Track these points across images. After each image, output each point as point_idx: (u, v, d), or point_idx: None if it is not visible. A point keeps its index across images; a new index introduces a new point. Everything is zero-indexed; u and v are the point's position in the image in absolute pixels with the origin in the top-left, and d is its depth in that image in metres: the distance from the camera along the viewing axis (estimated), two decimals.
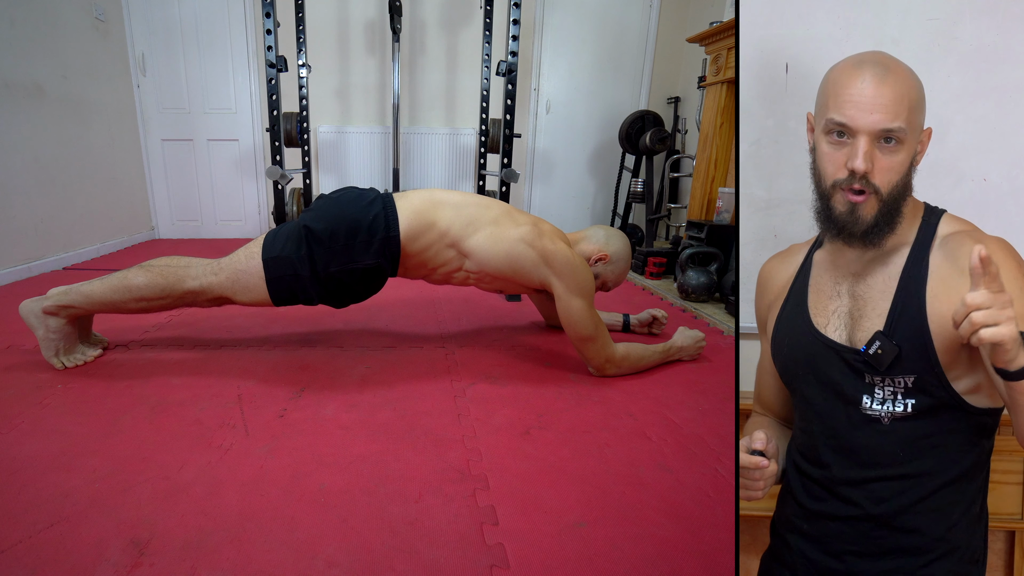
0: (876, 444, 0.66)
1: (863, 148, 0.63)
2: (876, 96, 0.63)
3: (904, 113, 0.63)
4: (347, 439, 1.20)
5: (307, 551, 0.85)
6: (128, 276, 1.48)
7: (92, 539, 0.86)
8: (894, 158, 0.64)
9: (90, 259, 3.08)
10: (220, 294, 1.50)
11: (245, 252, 1.50)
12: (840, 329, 0.69)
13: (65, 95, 2.88)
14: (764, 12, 1.06)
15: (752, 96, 1.09)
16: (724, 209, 2.63)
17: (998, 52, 0.99)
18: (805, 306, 0.74)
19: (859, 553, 0.68)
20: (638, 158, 3.75)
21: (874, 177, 0.64)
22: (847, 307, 0.70)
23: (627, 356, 1.58)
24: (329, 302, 1.55)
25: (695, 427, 1.31)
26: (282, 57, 2.32)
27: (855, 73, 0.64)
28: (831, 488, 0.69)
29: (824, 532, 0.70)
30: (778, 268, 0.82)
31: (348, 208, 1.49)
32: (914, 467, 0.65)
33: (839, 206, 0.67)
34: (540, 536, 0.91)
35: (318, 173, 3.91)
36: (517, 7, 2.44)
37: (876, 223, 0.66)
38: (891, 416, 0.65)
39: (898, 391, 0.65)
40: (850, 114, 0.63)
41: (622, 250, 1.73)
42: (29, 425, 1.20)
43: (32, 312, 1.47)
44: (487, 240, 1.53)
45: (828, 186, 0.68)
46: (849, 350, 0.67)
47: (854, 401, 0.67)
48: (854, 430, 0.67)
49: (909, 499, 0.65)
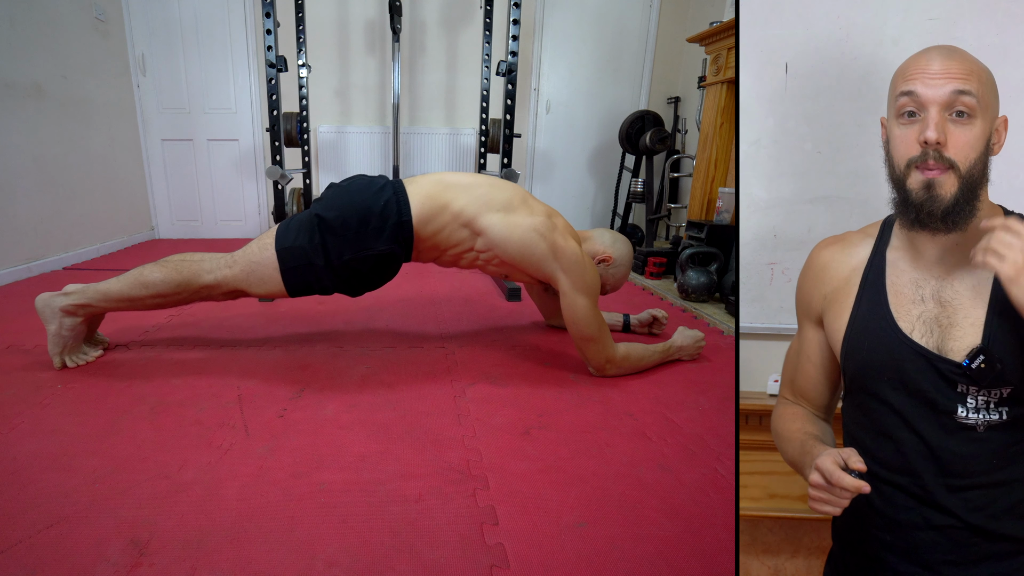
0: (971, 452, 0.64)
1: (934, 119, 0.62)
2: (945, 68, 0.62)
3: (974, 81, 0.62)
4: (347, 439, 1.20)
5: (307, 551, 0.85)
6: (144, 272, 1.48)
7: (92, 539, 0.86)
8: (968, 132, 0.62)
9: (90, 259, 3.08)
10: (235, 287, 1.51)
11: (259, 244, 1.50)
12: (927, 336, 0.66)
13: (65, 95, 2.88)
14: (764, 12, 1.06)
15: (752, 96, 1.09)
16: (724, 209, 2.63)
17: (998, 52, 0.99)
18: (887, 307, 0.70)
19: (955, 563, 0.66)
20: (638, 158, 3.75)
21: (948, 150, 0.62)
22: (933, 313, 0.67)
23: (627, 356, 1.58)
24: (344, 291, 1.55)
25: (695, 427, 1.31)
26: (282, 57, 2.32)
27: (922, 55, 0.65)
28: (921, 497, 0.67)
29: (915, 543, 0.67)
30: (838, 258, 0.76)
31: (359, 196, 1.49)
32: (1007, 473, 0.64)
33: (914, 186, 0.64)
34: (540, 536, 0.91)
35: (318, 173, 3.91)
36: (517, 7, 2.43)
37: (956, 202, 0.63)
38: (986, 424, 0.64)
39: (991, 400, 0.63)
40: (918, 84, 0.63)
41: (625, 255, 1.73)
42: (29, 425, 1.20)
43: (49, 307, 1.47)
44: (501, 222, 1.52)
45: (902, 167, 0.65)
46: (942, 359, 0.65)
47: (947, 410, 0.65)
48: (948, 437, 0.65)
49: (1003, 505, 0.64)
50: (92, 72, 3.13)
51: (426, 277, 2.86)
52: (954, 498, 0.65)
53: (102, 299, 1.48)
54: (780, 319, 1.16)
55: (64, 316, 1.47)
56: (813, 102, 1.08)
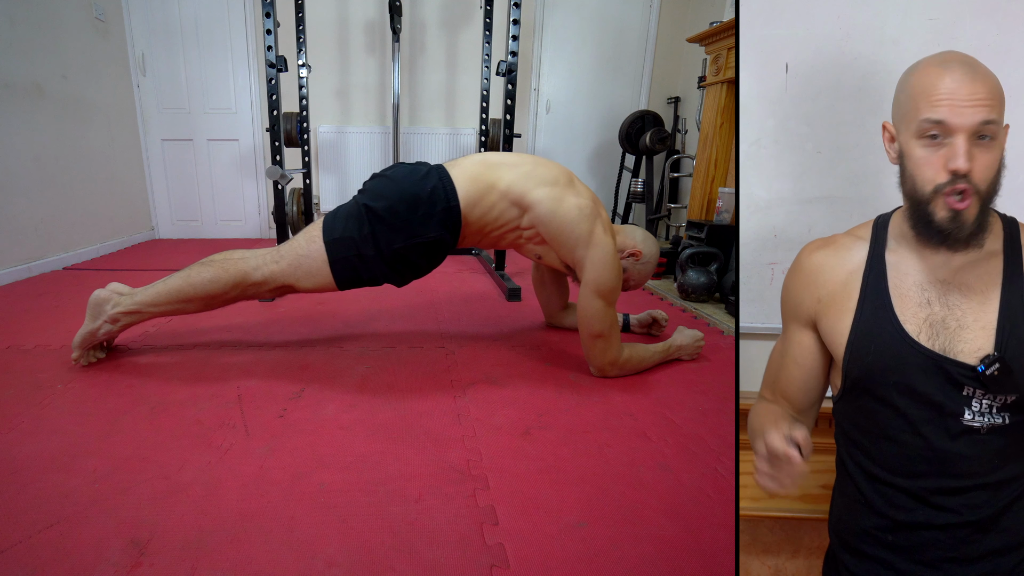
0: (974, 453, 0.65)
1: (964, 147, 0.62)
2: (973, 92, 0.61)
3: (998, 107, 0.62)
4: (347, 439, 1.20)
5: (307, 551, 0.85)
6: (191, 275, 1.48)
7: (92, 539, 0.86)
8: (990, 155, 0.63)
9: (90, 259, 3.08)
10: (283, 282, 1.50)
11: (305, 236, 1.50)
12: (934, 339, 0.67)
13: (65, 95, 2.88)
14: (764, 12, 1.06)
15: (752, 96, 1.09)
16: (724, 209, 2.63)
17: (998, 52, 0.99)
18: (891, 311, 0.70)
19: (957, 560, 0.67)
20: (638, 158, 3.75)
21: (974, 176, 0.62)
22: (940, 316, 0.67)
23: (630, 358, 1.59)
24: (393, 280, 1.56)
25: (695, 427, 1.31)
26: (282, 57, 2.32)
27: (944, 72, 0.63)
28: (924, 498, 0.68)
29: (916, 542, 0.68)
30: (831, 261, 0.77)
31: (404, 183, 1.49)
32: (1008, 472, 0.66)
33: (941, 212, 0.64)
34: (540, 536, 0.91)
35: (318, 173, 3.91)
36: (517, 7, 2.43)
37: (979, 224, 0.64)
38: (989, 427, 0.65)
39: (995, 405, 0.64)
40: (947, 112, 0.62)
41: (653, 254, 1.73)
42: (29, 425, 1.20)
43: (100, 307, 1.48)
44: (549, 196, 1.52)
45: (928, 192, 0.65)
46: (951, 361, 0.65)
47: (954, 413, 0.65)
48: (952, 440, 0.66)
49: (1005, 502, 0.66)
50: (92, 72, 3.13)
51: (426, 277, 2.85)
52: (956, 498, 0.66)
53: (151, 304, 1.48)
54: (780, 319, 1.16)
55: (107, 322, 1.49)
56: (813, 102, 1.08)
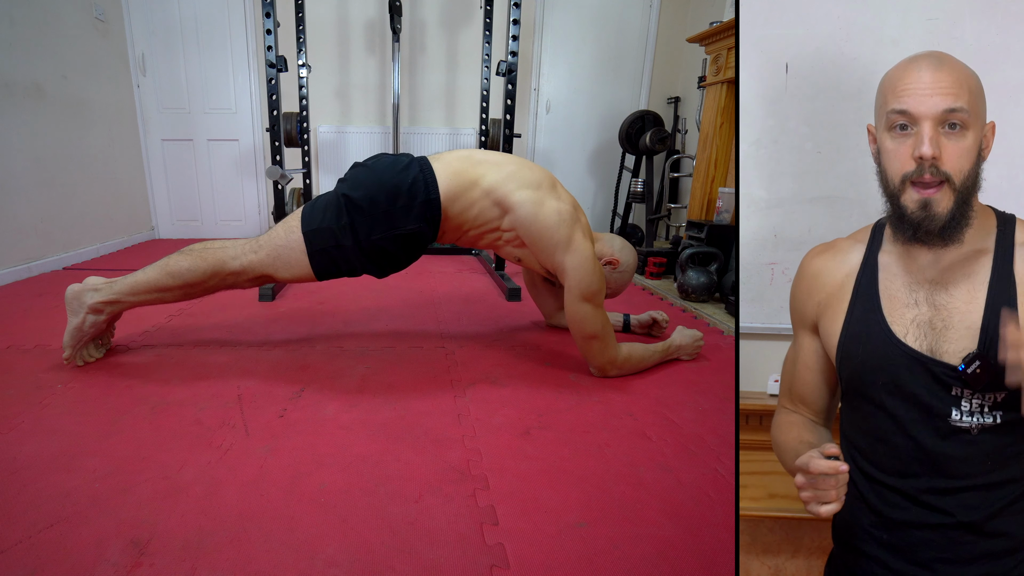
0: (965, 454, 0.65)
1: (928, 133, 0.62)
2: (935, 81, 0.62)
3: (965, 95, 0.62)
4: (347, 439, 1.20)
5: (307, 551, 0.85)
6: (170, 263, 1.48)
7: (92, 539, 0.86)
8: (961, 143, 0.62)
9: (90, 259, 3.08)
10: (262, 272, 1.50)
11: (284, 227, 1.49)
12: (921, 339, 0.66)
13: (65, 95, 2.88)
14: (764, 12, 1.06)
15: (752, 96, 1.10)
16: (724, 209, 2.63)
17: (998, 52, 0.99)
18: (880, 313, 0.70)
19: (950, 560, 0.66)
20: (638, 158, 3.75)
21: (944, 164, 0.62)
22: (927, 316, 0.67)
23: (629, 358, 1.59)
24: (371, 272, 1.55)
25: (695, 427, 1.31)
26: (282, 57, 2.32)
27: (911, 65, 0.64)
28: (916, 497, 0.68)
29: (909, 541, 0.68)
30: (830, 265, 0.77)
31: (385, 174, 1.48)
32: (1002, 475, 0.65)
33: (910, 204, 0.64)
34: (540, 536, 0.91)
35: (318, 173, 3.91)
36: (517, 7, 2.43)
37: (953, 217, 0.63)
38: (980, 427, 0.64)
39: (986, 404, 0.64)
40: (911, 101, 0.62)
41: (631, 263, 1.74)
42: (29, 425, 1.20)
43: (78, 299, 1.47)
44: (531, 199, 1.51)
45: (897, 183, 0.65)
46: (937, 363, 0.65)
47: (942, 414, 0.65)
48: (942, 441, 0.65)
49: (998, 505, 0.65)
50: (92, 72, 3.13)
51: (426, 277, 2.86)
52: (949, 499, 0.66)
53: (129, 293, 1.48)
54: (780, 319, 1.16)
55: (89, 313, 1.47)
56: (813, 102, 1.08)
